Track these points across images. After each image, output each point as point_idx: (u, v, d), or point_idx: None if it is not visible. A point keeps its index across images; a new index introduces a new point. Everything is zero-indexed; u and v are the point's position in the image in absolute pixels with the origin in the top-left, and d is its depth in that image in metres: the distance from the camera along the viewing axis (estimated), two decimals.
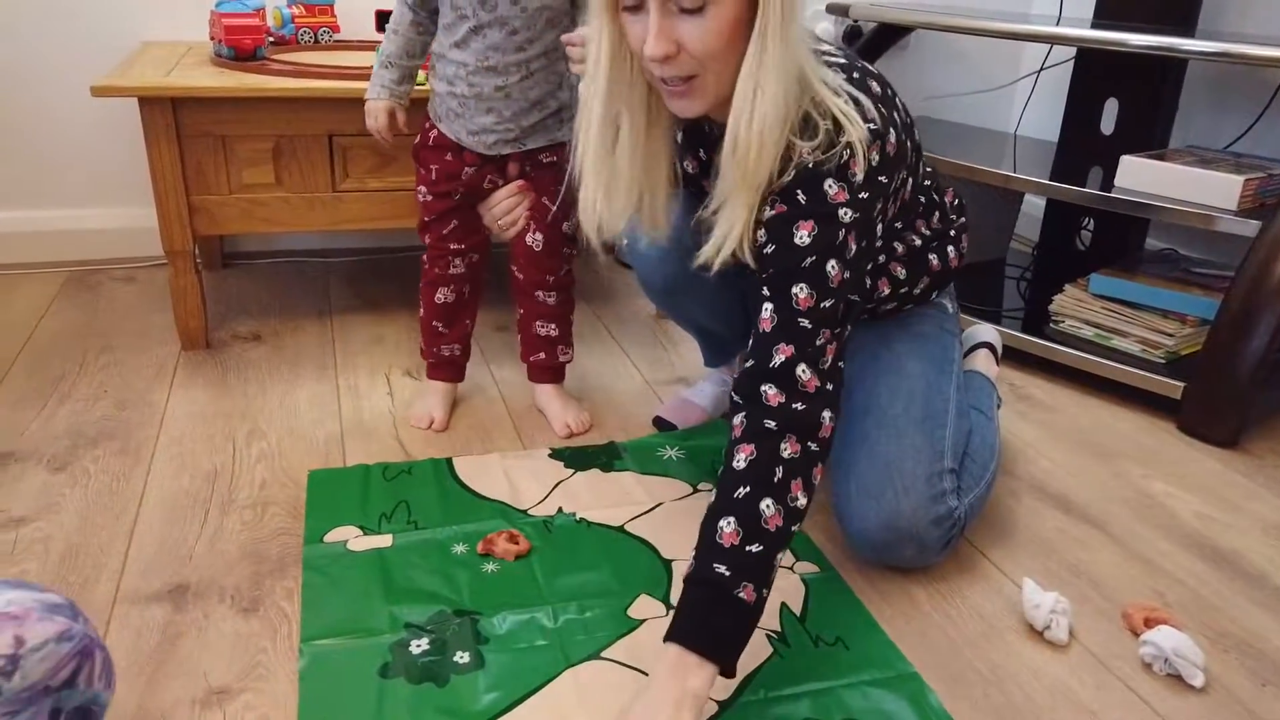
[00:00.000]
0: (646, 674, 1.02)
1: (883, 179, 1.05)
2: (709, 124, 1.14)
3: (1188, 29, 1.95)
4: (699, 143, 1.19)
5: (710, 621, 0.93)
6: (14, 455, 1.39)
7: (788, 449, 0.98)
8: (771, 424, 0.98)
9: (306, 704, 0.97)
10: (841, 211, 1.01)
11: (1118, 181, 1.78)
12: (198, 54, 1.86)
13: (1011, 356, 1.83)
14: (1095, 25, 1.95)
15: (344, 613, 1.10)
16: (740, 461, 0.98)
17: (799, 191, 1.01)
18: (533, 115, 1.39)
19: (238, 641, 1.06)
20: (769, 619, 1.13)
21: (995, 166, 1.92)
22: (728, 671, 0.93)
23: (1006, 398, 1.70)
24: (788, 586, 1.19)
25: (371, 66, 1.46)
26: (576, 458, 1.46)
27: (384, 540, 1.23)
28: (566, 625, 1.10)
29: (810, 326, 1.00)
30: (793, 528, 0.98)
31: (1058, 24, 1.98)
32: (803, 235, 1.01)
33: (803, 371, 1.00)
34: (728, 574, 0.93)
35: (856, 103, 1.02)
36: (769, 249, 1.03)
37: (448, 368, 1.57)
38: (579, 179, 1.10)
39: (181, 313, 1.72)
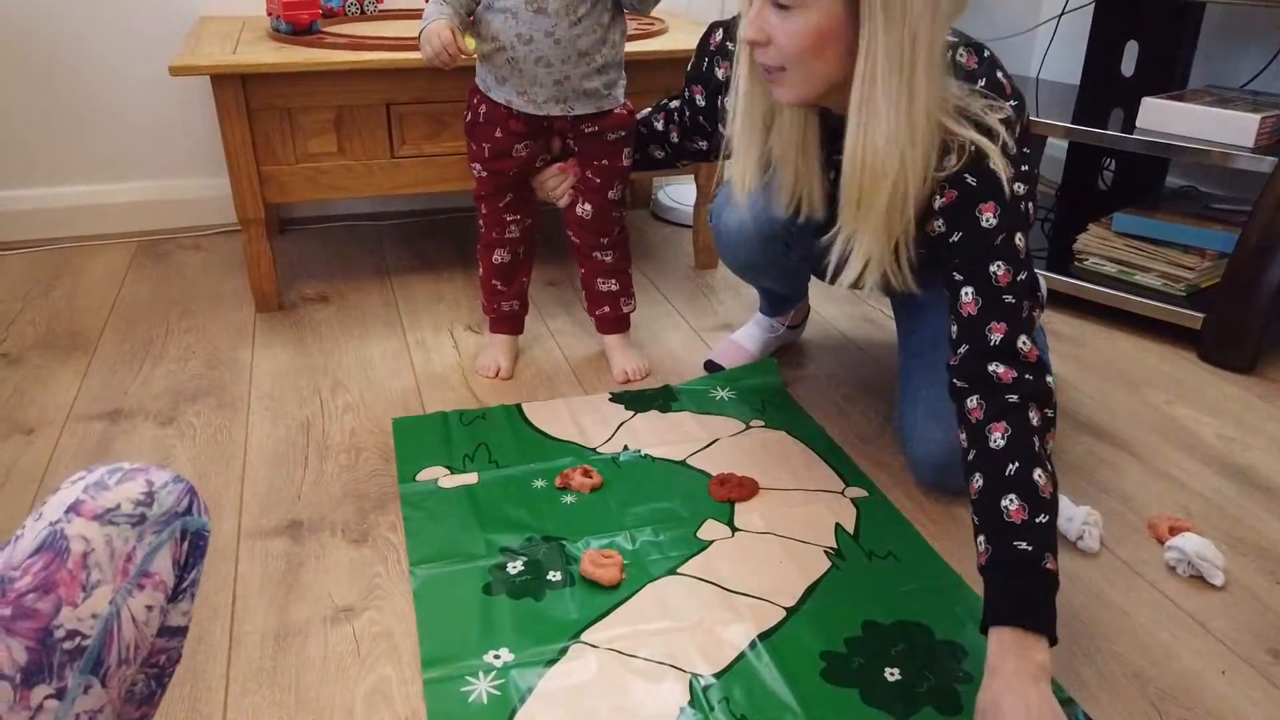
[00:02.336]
0: (719, 586, 1.15)
1: (1026, 150, 1.12)
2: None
3: None
4: (835, 148, 1.18)
5: (1032, 597, 0.95)
6: (122, 412, 1.51)
7: (1035, 417, 1.03)
8: (1014, 398, 1.04)
9: (424, 618, 1.10)
10: (1017, 185, 1.08)
11: (1139, 122, 1.85)
12: (253, 29, 1.95)
13: None
14: None
15: (445, 541, 1.22)
16: (998, 440, 1.02)
17: (967, 175, 1.08)
18: (581, 67, 1.42)
19: (354, 568, 1.18)
20: (825, 536, 1.24)
21: None
22: (1053, 640, 0.95)
23: None
24: (840, 509, 1.31)
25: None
26: (636, 400, 1.57)
27: (470, 478, 1.35)
28: (643, 547, 1.22)
29: (1014, 301, 1.07)
30: (1057, 492, 1.02)
31: None
32: (988, 217, 1.08)
33: (1023, 344, 1.06)
34: (1030, 549, 0.96)
35: (996, 89, 1.09)
36: (955, 236, 1.10)
37: (509, 321, 1.68)
38: (729, 144, 1.22)
39: (256, 277, 1.84)
